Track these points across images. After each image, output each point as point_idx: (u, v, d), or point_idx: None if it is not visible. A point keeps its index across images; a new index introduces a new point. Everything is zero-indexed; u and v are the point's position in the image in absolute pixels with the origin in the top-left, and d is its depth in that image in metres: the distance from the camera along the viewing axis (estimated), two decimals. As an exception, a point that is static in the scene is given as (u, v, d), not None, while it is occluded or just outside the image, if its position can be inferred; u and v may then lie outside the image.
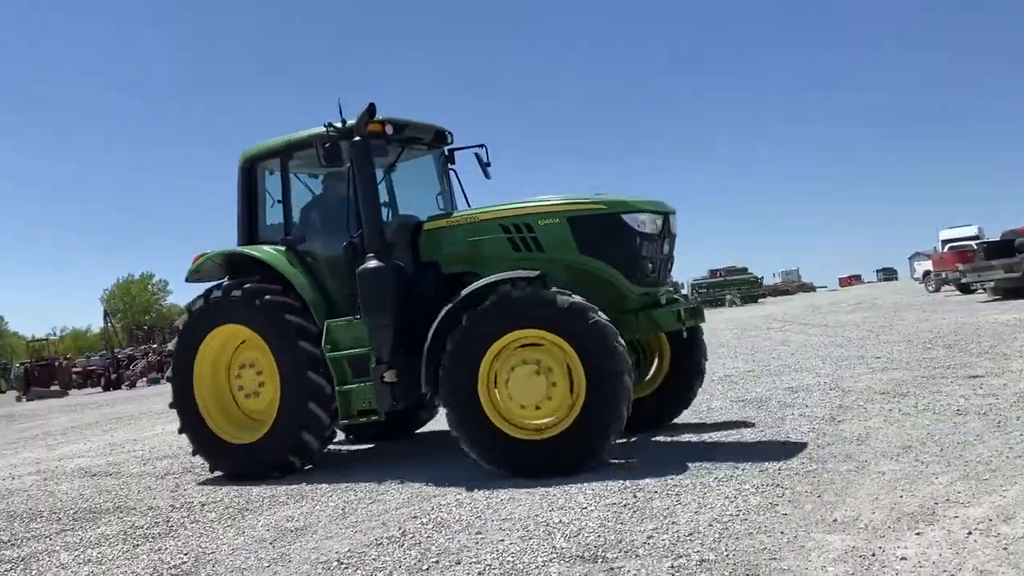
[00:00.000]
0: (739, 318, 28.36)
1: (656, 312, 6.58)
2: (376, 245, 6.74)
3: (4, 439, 14.90)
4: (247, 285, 7.33)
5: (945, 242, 34.17)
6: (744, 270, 57.96)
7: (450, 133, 7.95)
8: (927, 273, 33.80)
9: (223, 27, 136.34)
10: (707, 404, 8.56)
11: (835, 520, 4.24)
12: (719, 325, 24.26)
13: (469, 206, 7.72)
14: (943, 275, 29.29)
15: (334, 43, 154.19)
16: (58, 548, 5.56)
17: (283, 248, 7.50)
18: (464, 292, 6.25)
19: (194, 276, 8.01)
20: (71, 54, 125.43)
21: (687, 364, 7.40)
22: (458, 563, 4.17)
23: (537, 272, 6.19)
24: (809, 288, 76.00)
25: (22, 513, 6.91)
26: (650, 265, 6.52)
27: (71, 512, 6.72)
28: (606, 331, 5.79)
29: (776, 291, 67.45)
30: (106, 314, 49.54)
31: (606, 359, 5.77)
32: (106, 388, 36.36)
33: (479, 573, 3.99)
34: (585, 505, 4.99)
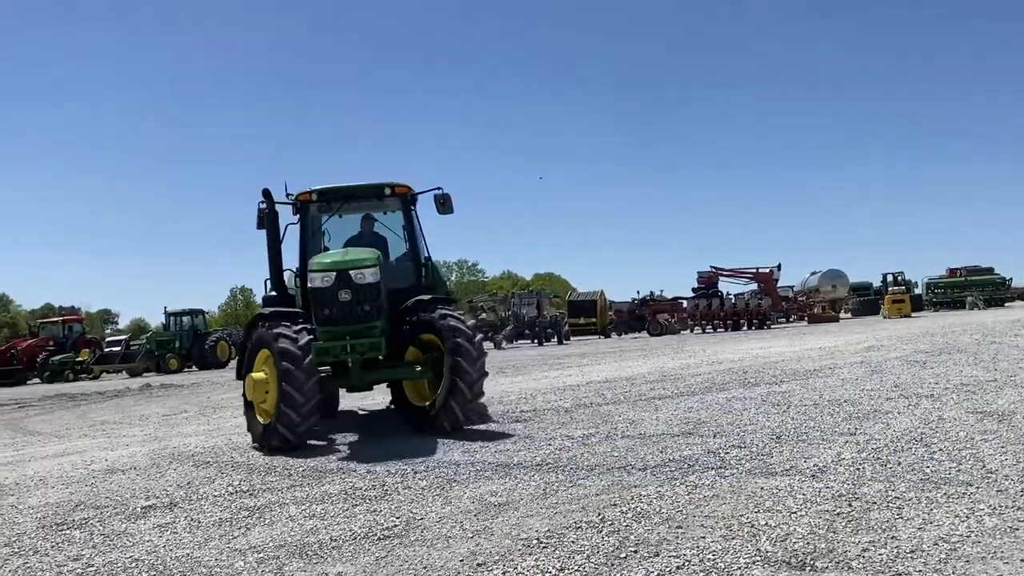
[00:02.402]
0: (981, 322, 25.81)
1: (316, 344, 8.45)
2: (273, 285, 9.88)
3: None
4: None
5: None
6: (989, 270, 53.49)
7: (390, 186, 9.91)
8: None
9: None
10: (937, 414, 7.85)
11: (1090, 554, 3.75)
12: (956, 329, 22.22)
13: (426, 245, 10.15)
14: None
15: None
16: (288, 501, 6.09)
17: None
18: (247, 323, 9.09)
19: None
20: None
21: (448, 373, 8.69)
22: (656, 555, 4.11)
23: (272, 310, 9.11)
24: (1068, 292, 67.79)
25: (260, 467, 7.65)
26: (326, 311, 8.70)
27: (300, 470, 7.34)
28: (273, 343, 8.21)
29: (1027, 294, 60.87)
30: None
31: (277, 363, 8.15)
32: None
33: (677, 567, 3.91)
34: (795, 509, 4.75)
